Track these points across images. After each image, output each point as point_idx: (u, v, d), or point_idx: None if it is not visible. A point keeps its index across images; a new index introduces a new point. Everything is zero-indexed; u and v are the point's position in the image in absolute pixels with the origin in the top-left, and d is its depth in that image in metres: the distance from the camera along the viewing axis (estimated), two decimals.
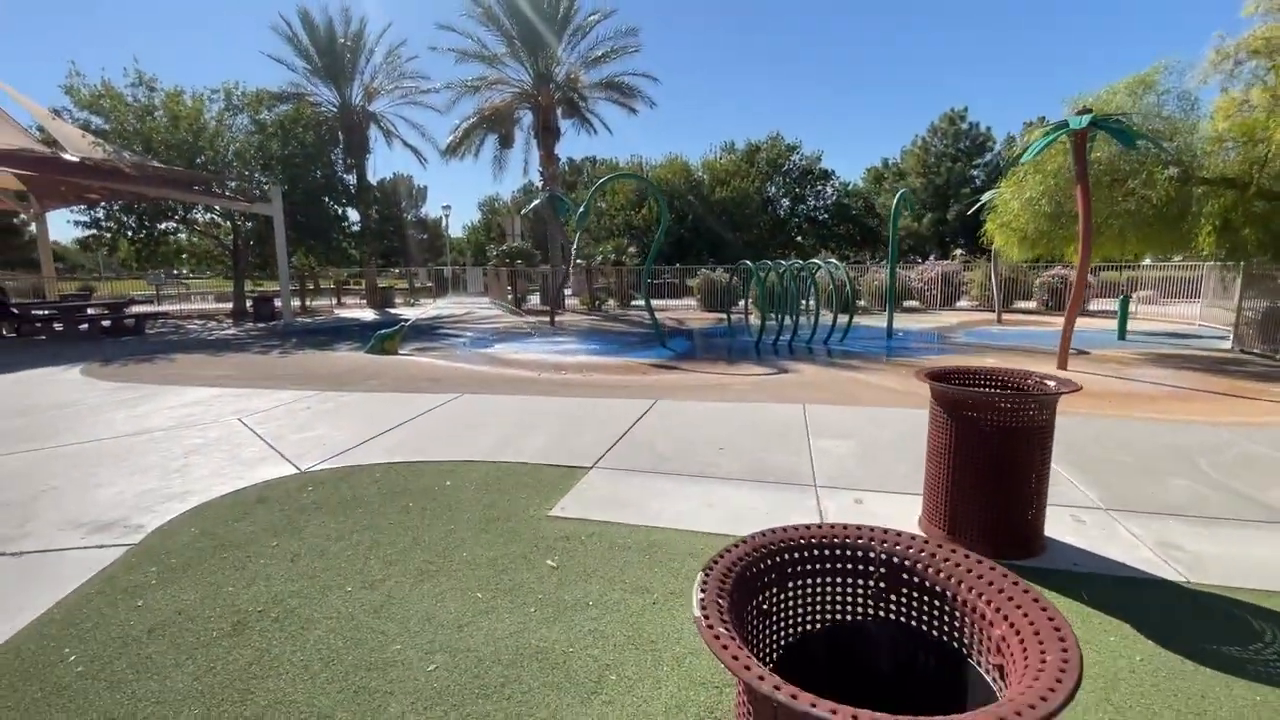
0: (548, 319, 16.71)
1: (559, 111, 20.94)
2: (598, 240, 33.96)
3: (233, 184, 17.97)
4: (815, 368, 8.96)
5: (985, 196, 15.95)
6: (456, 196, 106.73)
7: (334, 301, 25.99)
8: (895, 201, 13.01)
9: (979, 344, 11.75)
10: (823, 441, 5.10)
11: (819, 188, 42.76)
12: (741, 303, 19.96)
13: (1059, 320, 17.43)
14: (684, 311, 19.86)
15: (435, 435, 5.42)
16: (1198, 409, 6.22)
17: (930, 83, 67.19)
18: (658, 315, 20.11)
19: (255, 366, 9.57)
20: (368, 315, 20.25)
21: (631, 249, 23.41)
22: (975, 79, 65.20)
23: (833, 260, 12.37)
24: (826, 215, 42.08)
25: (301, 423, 5.86)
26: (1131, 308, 17.93)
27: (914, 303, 20.81)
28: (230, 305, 20.70)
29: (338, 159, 20.29)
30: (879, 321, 13.37)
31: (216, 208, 18.50)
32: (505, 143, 21.39)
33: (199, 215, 19.26)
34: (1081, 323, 15.59)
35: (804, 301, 13.62)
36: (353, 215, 22.83)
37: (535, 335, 14.10)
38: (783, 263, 12.54)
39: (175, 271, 28.19)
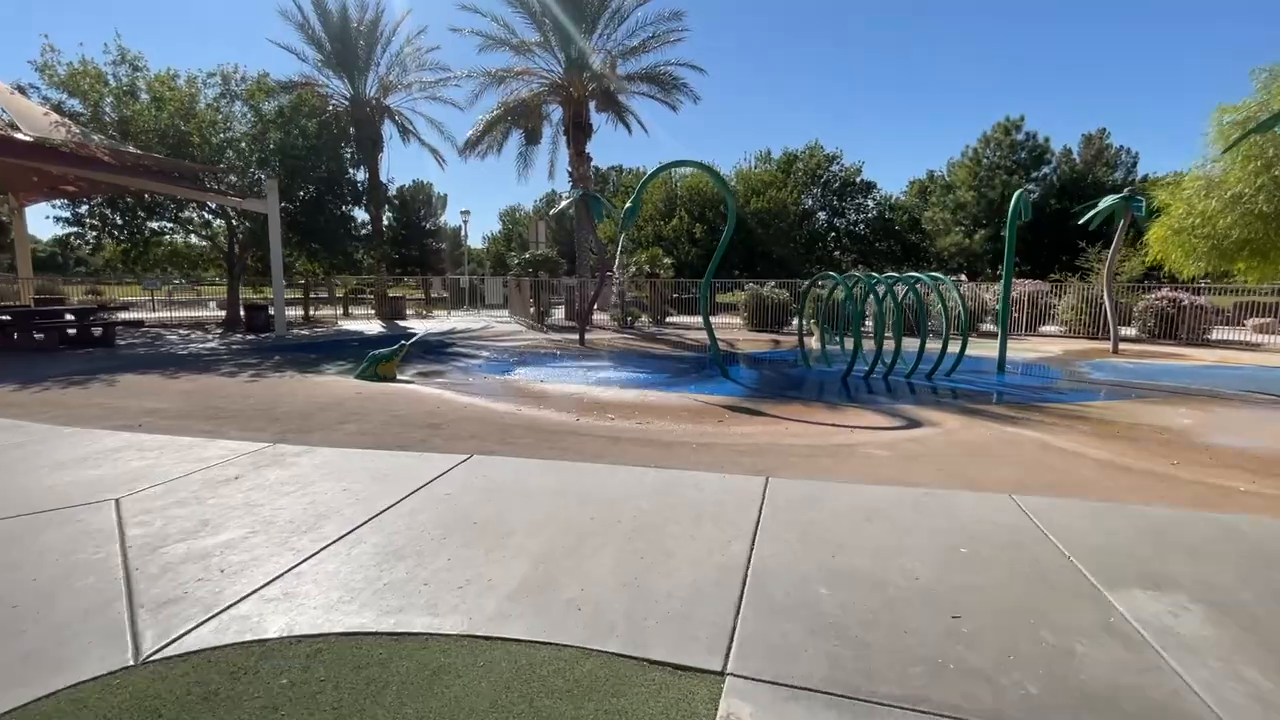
0: (576, 337, 14.43)
1: (592, 105, 18.84)
2: (625, 251, 31.82)
3: (230, 178, 16.04)
4: (956, 418, 6.51)
5: (1106, 202, 13.48)
6: (477, 203, 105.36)
7: (339, 312, 24.00)
8: (1014, 201, 10.57)
9: (1129, 383, 9.21)
10: (1139, 600, 2.68)
11: (859, 200, 40.31)
12: (796, 321, 17.59)
13: (1186, 351, 14.76)
14: (729, 331, 17.46)
15: (420, 553, 3.09)
16: None
17: (981, 91, 64.21)
18: (698, 334, 17.89)
19: (208, 395, 7.36)
20: (374, 328, 18.14)
21: (667, 260, 21.13)
22: (1031, 85, 62.10)
23: (938, 275, 9.91)
24: (867, 229, 39.57)
25: (207, 515, 3.57)
26: (1261, 338, 15.19)
27: (990, 326, 18.25)
28: (224, 314, 18.70)
29: (347, 155, 18.30)
30: (969, 349, 10.80)
31: (211, 205, 16.55)
32: (531, 138, 19.31)
33: (193, 214, 17.34)
34: (1232, 356, 12.75)
35: (867, 323, 11.19)
36: (363, 217, 20.86)
37: (563, 357, 11.80)
38: (875, 275, 10.16)
39: (177, 277, 26.45)
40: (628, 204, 9.05)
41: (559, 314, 20.38)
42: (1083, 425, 6.23)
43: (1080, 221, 15.00)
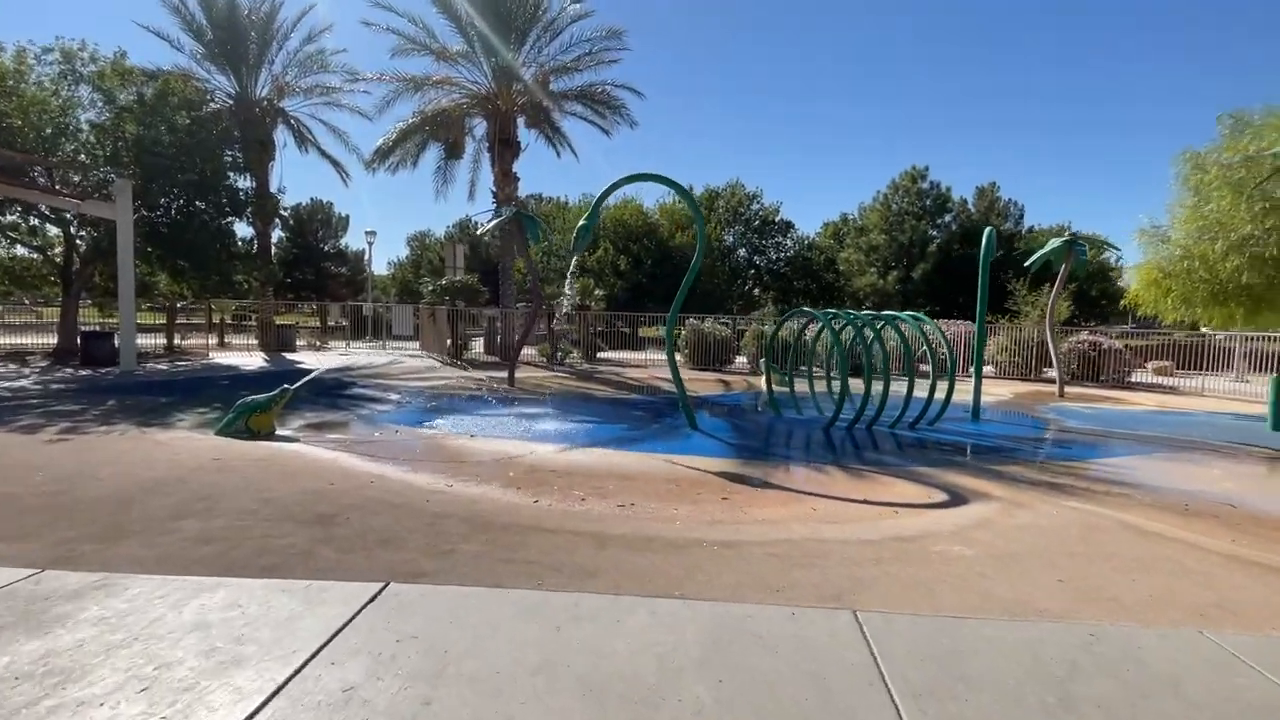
0: (502, 375, 12.59)
1: (520, 121, 17.29)
2: (548, 282, 30.11)
3: (72, 176, 13.04)
4: (995, 487, 5.38)
5: (1050, 246, 13.50)
6: (384, 225, 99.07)
7: (214, 341, 20.56)
8: (985, 238, 10.07)
9: (1111, 432, 8.65)
10: None
11: (778, 239, 41.01)
12: (764, 362, 16.54)
13: (1119, 394, 14.81)
14: (667, 369, 16.17)
15: None
16: None
17: (891, 139, 68.30)
18: (637, 372, 16.44)
19: None
20: (254, 362, 15.30)
21: (599, 292, 19.71)
22: (932, 138, 66.87)
23: (919, 315, 9.09)
24: (787, 268, 40.19)
25: None
26: (1214, 383, 15.67)
27: (926, 366, 18.14)
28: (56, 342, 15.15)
29: (229, 158, 15.60)
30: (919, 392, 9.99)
31: (42, 208, 13.37)
32: (453, 152, 17.38)
33: (17, 218, 14.00)
34: (1159, 400, 12.95)
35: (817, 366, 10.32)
36: (247, 232, 18.00)
37: (492, 401, 9.94)
38: (851, 313, 9.20)
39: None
40: (582, 221, 7.58)
41: (478, 347, 18.32)
42: (1139, 494, 5.29)
43: (1026, 265, 15.15)
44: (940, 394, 8.53)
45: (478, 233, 13.08)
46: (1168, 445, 7.80)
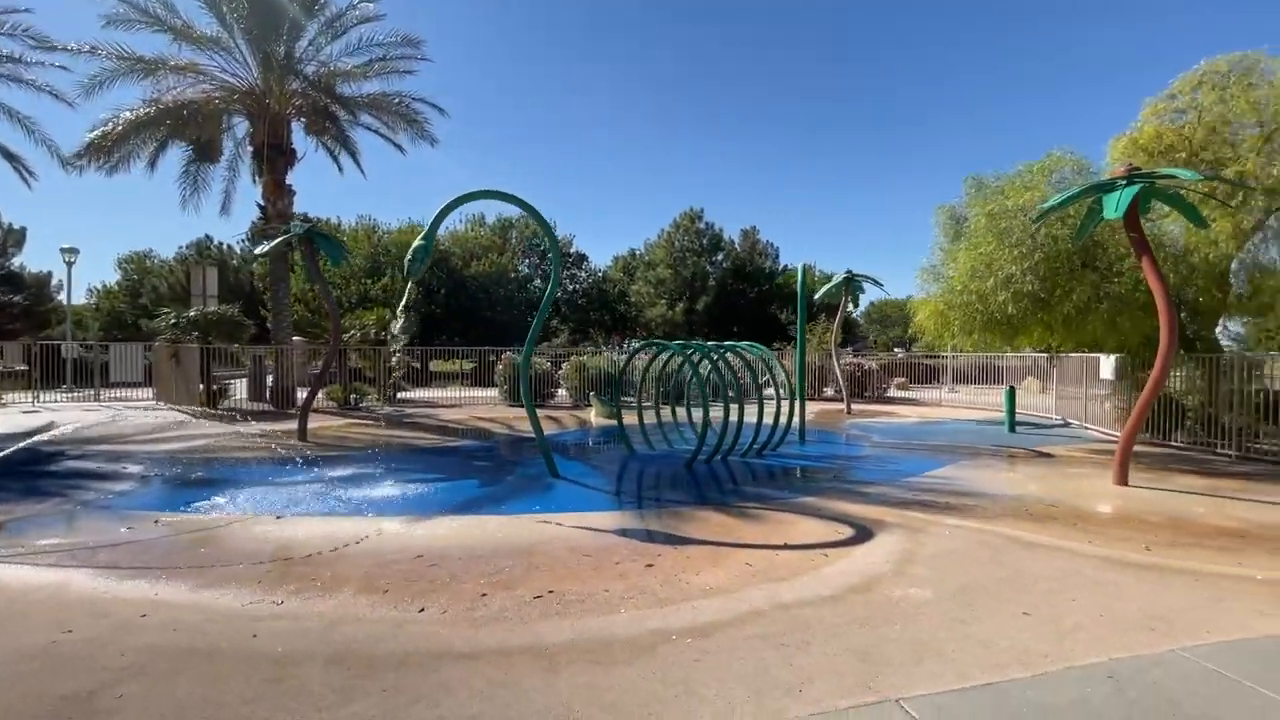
0: (288, 428, 10.23)
1: (298, 127, 14.63)
2: (325, 316, 26.20)
3: None
4: (881, 513, 5.51)
5: (835, 281, 15.30)
6: (85, 242, 78.65)
7: None
8: (800, 272, 10.89)
9: (912, 444, 9.84)
10: None
11: (573, 271, 41.46)
12: (563, 393, 15.82)
13: (888, 408, 17.47)
14: (487, 407, 14.84)
15: None
16: None
17: (672, 179, 73.45)
18: (454, 413, 14.60)
19: None
20: None
21: (396, 325, 17.50)
22: (705, 178, 73.45)
23: (758, 345, 9.40)
24: (583, 299, 40.71)
25: None
26: (940, 394, 19.12)
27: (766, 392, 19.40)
28: None
29: None
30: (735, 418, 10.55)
31: None
32: (205, 155, 13.88)
33: None
34: (919, 412, 15.66)
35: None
36: None
37: (286, 463, 7.86)
38: (702, 344, 9.15)
39: None
40: (418, 241, 6.32)
41: (240, 393, 14.92)
42: (988, 504, 5.85)
43: (815, 296, 17.02)
44: (776, 419, 8.83)
45: (258, 251, 10.52)
46: (958, 453, 9.04)
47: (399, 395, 16.07)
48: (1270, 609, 3.45)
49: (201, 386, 13.25)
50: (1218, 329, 10.66)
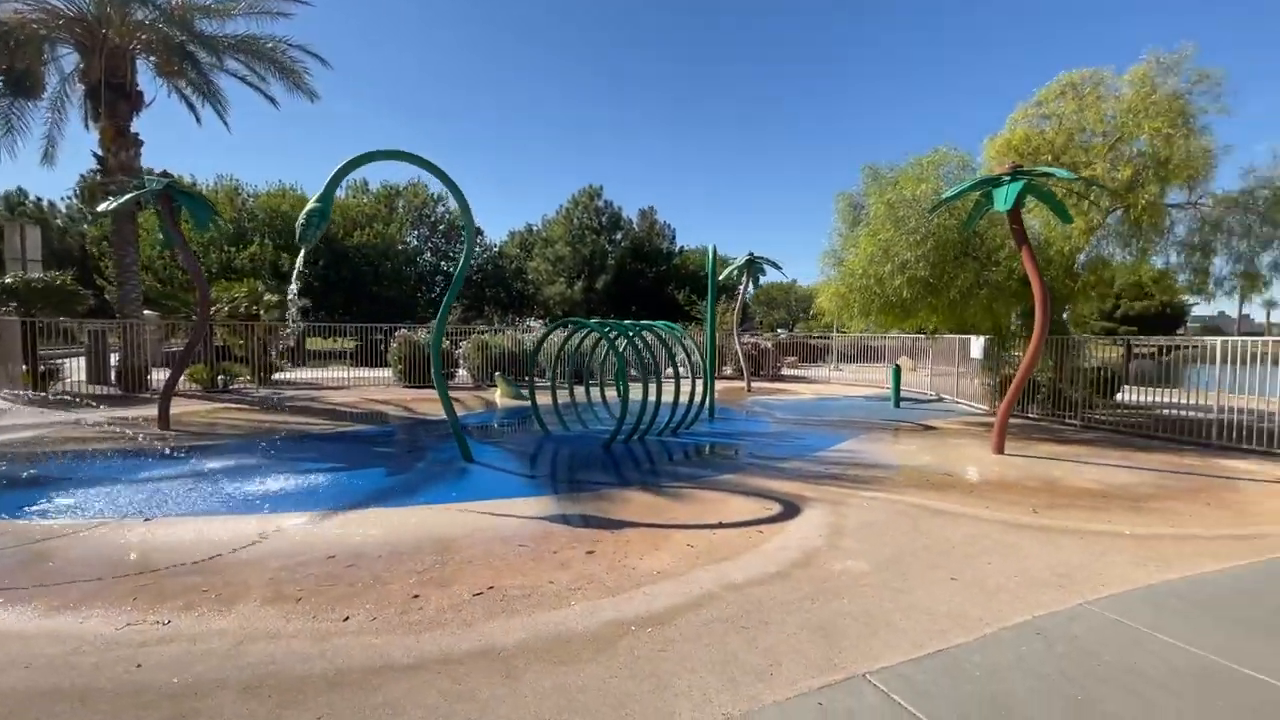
0: (145, 414, 8.91)
1: (146, 66, 12.47)
2: (182, 288, 23.15)
3: None
4: (802, 488, 5.71)
5: (738, 263, 15.67)
6: None
7: None
8: (709, 253, 10.98)
9: (813, 419, 10.35)
10: None
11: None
12: (463, 373, 14.96)
13: (785, 386, 18.43)
14: (380, 389, 13.82)
15: None
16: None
17: (572, 151, 71.74)
18: (343, 395, 13.26)
19: None
20: None
21: (269, 297, 15.77)
22: (605, 158, 72.56)
23: (673, 325, 9.40)
24: (478, 275, 39.03)
25: None
26: (828, 372, 20.29)
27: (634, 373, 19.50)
28: None
29: None
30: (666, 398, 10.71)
31: None
32: (21, 89, 11.38)
33: None
34: (814, 389, 16.66)
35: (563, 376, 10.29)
36: None
37: (148, 456, 6.81)
38: (622, 322, 8.94)
39: None
40: (312, 203, 5.59)
41: (78, 374, 12.83)
42: (895, 475, 6.25)
43: (720, 278, 17.34)
44: (685, 399, 8.94)
45: (101, 208, 8.86)
46: (856, 427, 9.62)
47: (275, 376, 14.58)
48: (1142, 561, 3.93)
49: (25, 367, 11.21)
50: (1065, 314, 12.11)
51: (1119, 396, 10.79)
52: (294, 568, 3.63)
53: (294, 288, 6.97)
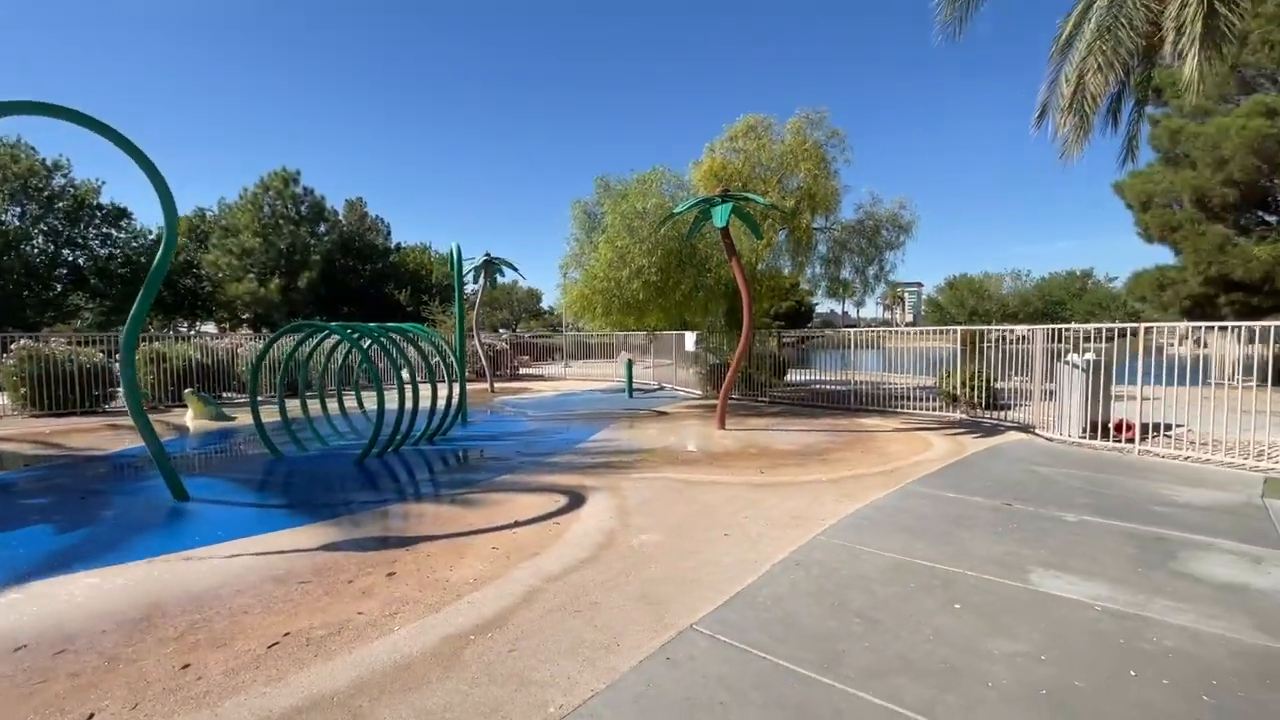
0: None
1: None
2: None
3: None
4: (578, 479, 6.08)
5: (478, 261, 15.41)
6: None
7: None
8: (453, 251, 10.59)
9: (563, 414, 10.87)
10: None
11: (106, 230, 30.73)
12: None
13: (525, 385, 18.56)
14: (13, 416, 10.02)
15: None
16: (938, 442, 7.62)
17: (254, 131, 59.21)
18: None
19: None
20: None
21: None
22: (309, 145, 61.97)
23: (420, 326, 8.90)
24: (127, 269, 30.51)
25: None
26: (562, 369, 21.06)
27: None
28: None
29: None
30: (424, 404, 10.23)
31: None
32: None
33: None
34: (553, 386, 17.21)
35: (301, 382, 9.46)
36: None
37: None
38: (357, 324, 7.98)
39: None
40: None
41: None
42: (650, 458, 7.03)
43: (463, 277, 16.66)
44: (449, 402, 8.69)
45: None
46: (604, 418, 10.43)
47: None
48: (842, 498, 5.22)
49: None
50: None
51: (788, 377, 13.73)
52: (17, 654, 2.62)
53: None
